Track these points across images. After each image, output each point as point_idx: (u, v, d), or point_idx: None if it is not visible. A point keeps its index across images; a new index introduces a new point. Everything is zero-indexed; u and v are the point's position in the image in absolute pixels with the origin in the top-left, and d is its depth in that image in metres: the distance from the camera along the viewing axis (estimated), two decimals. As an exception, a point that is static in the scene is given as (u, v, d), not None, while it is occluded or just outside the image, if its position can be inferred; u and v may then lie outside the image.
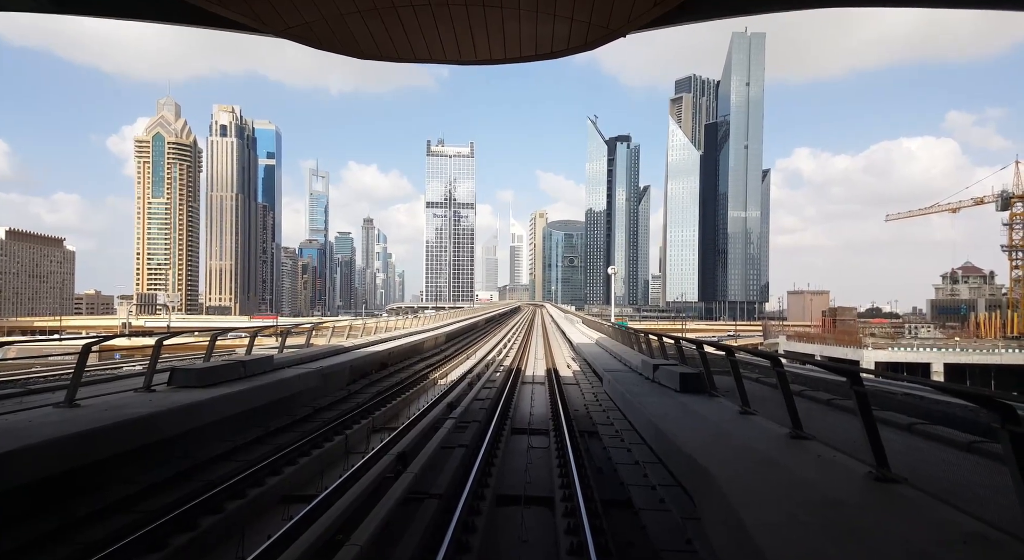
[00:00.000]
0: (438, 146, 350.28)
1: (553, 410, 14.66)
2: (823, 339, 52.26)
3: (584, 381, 19.93)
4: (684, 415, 8.05)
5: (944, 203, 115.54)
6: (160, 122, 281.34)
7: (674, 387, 9.58)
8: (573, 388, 19.07)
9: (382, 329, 24.64)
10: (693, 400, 8.77)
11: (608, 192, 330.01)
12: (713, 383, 9.17)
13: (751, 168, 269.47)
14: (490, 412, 13.79)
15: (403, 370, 21.60)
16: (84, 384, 9.03)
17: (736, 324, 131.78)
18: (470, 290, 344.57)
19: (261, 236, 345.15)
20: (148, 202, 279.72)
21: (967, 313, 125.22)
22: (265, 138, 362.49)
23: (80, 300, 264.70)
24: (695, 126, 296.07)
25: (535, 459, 10.59)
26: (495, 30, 11.44)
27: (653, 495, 7.48)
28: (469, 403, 14.25)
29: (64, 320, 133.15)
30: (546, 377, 21.58)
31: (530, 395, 17.88)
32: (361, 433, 11.65)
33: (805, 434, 6.10)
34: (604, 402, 14.59)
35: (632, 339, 18.19)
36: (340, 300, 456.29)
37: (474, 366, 24.32)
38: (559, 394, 16.85)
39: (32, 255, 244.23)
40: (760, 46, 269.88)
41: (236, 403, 9.61)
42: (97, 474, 6.79)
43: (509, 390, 17.38)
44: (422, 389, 18.37)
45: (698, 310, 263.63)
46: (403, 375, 20.50)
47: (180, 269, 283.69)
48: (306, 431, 10.87)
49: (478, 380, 19.12)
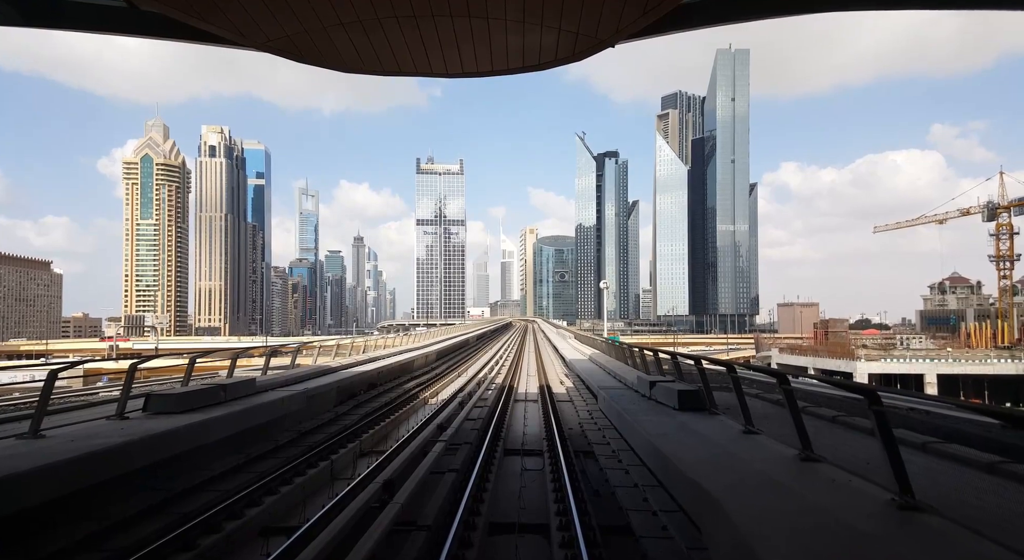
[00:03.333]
0: (428, 163, 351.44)
1: (547, 429, 14.26)
2: (816, 351, 52.12)
3: (578, 398, 19.53)
4: (684, 435, 7.70)
5: (931, 214, 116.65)
6: (148, 143, 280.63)
7: (672, 405, 9.22)
8: (567, 405, 18.67)
9: (371, 348, 24.20)
10: (693, 419, 8.41)
11: (597, 207, 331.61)
12: (713, 400, 8.82)
13: (738, 182, 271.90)
14: (482, 432, 13.36)
15: (392, 390, 21.09)
16: (54, 412, 8.57)
17: (728, 337, 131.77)
18: (461, 306, 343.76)
19: (251, 256, 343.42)
20: (137, 223, 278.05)
21: (956, 323, 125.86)
22: (254, 158, 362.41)
23: (68, 323, 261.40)
24: (682, 141, 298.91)
25: (529, 482, 10.18)
26: (481, 42, 11.20)
27: (655, 522, 7.09)
28: (460, 423, 13.81)
29: (51, 344, 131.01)
30: (539, 394, 21.19)
31: (523, 413, 17.46)
32: (347, 458, 11.19)
33: (816, 455, 5.76)
34: (599, 420, 14.20)
35: (626, 354, 17.84)
36: (331, 319, 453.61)
37: (465, 384, 23.87)
38: (553, 412, 16.45)
39: (18, 278, 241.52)
40: (744, 62, 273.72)
41: (215, 429, 9.16)
42: (61, 510, 6.33)
43: (501, 409, 16.96)
44: (412, 409, 17.91)
45: (689, 323, 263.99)
46: (392, 395, 20.01)
47: (169, 290, 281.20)
48: (289, 457, 10.40)
49: (469, 399, 18.68)
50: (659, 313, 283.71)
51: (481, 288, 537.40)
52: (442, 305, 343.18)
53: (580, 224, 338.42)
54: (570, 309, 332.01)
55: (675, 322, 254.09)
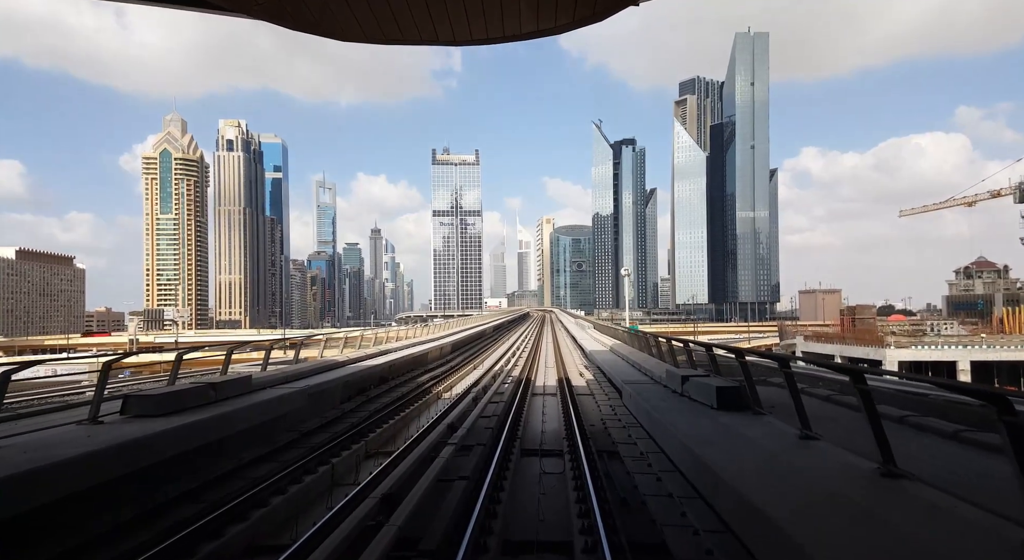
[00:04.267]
0: (444, 155, 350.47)
1: (567, 426, 13.29)
2: (842, 339, 50.21)
3: (599, 392, 18.51)
4: (728, 439, 6.64)
5: (959, 197, 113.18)
6: (167, 138, 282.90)
7: (709, 403, 8.16)
8: (587, 400, 17.68)
9: (382, 340, 23.34)
10: (736, 420, 7.34)
11: (615, 196, 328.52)
12: (758, 399, 7.74)
13: (758, 168, 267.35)
14: (497, 431, 12.40)
15: (404, 384, 20.21)
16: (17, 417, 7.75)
17: (749, 325, 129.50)
18: (478, 297, 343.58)
19: (269, 249, 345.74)
20: (156, 218, 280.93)
21: (984, 308, 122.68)
22: (272, 151, 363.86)
23: (91, 318, 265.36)
24: (700, 127, 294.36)
25: (549, 488, 9.21)
26: (491, 5, 10.13)
27: (696, 543, 6.05)
28: (474, 421, 12.85)
29: (72, 338, 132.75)
30: (557, 387, 20.23)
31: (541, 408, 16.50)
32: (351, 461, 10.30)
33: (901, 471, 4.68)
34: (624, 417, 13.17)
35: (651, 346, 16.74)
36: (350, 311, 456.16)
37: (480, 377, 22.93)
38: (573, 407, 15.46)
39: (42, 274, 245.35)
40: (764, 45, 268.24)
41: (203, 433, 8.29)
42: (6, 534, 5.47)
43: (518, 404, 16.00)
44: (424, 405, 17.01)
45: (709, 312, 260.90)
46: (404, 389, 19.14)
47: (189, 284, 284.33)
48: (286, 461, 9.51)
49: (484, 393, 17.73)
50: (678, 302, 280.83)
51: (498, 279, 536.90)
52: (459, 296, 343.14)
53: (597, 213, 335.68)
54: (587, 299, 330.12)
55: (694, 311, 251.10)
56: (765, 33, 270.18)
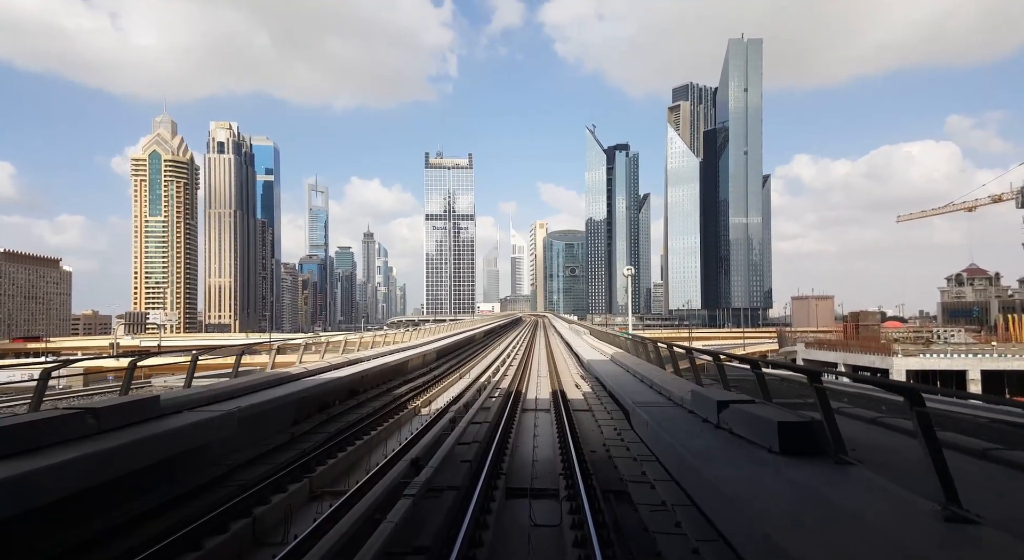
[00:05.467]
0: (437, 158, 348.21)
1: (563, 453, 10.95)
2: (846, 346, 47.96)
3: (599, 407, 16.17)
4: (817, 514, 4.29)
5: (959, 202, 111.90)
6: (156, 140, 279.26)
7: (766, 444, 5.81)
8: (586, 417, 15.36)
9: (355, 347, 20.91)
10: (815, 474, 4.98)
11: (608, 201, 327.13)
12: (841, 441, 5.39)
13: (751, 174, 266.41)
14: (477, 464, 10.04)
15: (376, 399, 17.81)
16: None
17: (744, 331, 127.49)
18: (471, 302, 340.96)
19: (260, 252, 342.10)
20: (145, 220, 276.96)
21: (980, 315, 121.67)
22: (263, 154, 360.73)
23: (77, 321, 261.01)
24: (693, 133, 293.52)
25: (540, 544, 6.95)
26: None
27: None
28: (450, 449, 10.46)
29: (51, 342, 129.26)
30: (551, 401, 17.94)
31: (532, 429, 14.18)
32: (292, 502, 7.91)
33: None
34: (634, 445, 10.85)
35: (663, 356, 14.40)
36: (341, 315, 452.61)
37: (465, 390, 20.51)
38: (570, 427, 13.13)
39: (28, 276, 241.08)
40: (757, 52, 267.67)
41: (58, 481, 5.91)
42: None
43: (505, 424, 13.66)
44: (396, 425, 14.59)
45: (701, 318, 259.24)
46: (375, 405, 16.73)
47: (178, 287, 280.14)
48: (188, 516, 7.10)
49: (466, 411, 15.32)
50: (671, 307, 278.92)
51: (491, 283, 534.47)
52: (452, 300, 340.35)
53: (590, 218, 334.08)
54: (581, 304, 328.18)
55: (687, 316, 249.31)
56: (759, 39, 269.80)
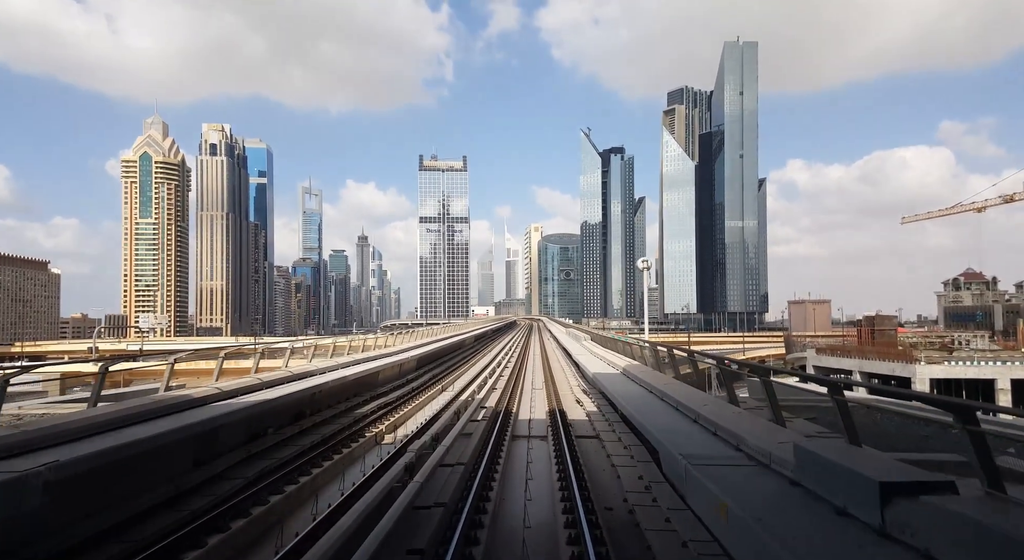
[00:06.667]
0: (431, 160, 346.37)
1: (568, 515, 8.29)
2: (861, 353, 45.97)
3: (609, 434, 13.69)
4: None
5: (968, 203, 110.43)
6: (147, 141, 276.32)
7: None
8: (592, 448, 12.96)
9: (308, 354, 18.73)
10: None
11: (603, 204, 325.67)
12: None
13: (747, 177, 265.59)
14: (442, 534, 7.40)
15: (326, 424, 15.02)
16: None
17: (744, 336, 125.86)
18: (465, 305, 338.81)
19: (253, 255, 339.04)
20: (136, 223, 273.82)
21: (983, 320, 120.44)
22: (256, 156, 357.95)
23: (66, 324, 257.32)
24: (688, 137, 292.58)
25: None
26: None
27: None
28: (391, 527, 6.99)
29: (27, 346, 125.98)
30: (548, 424, 15.48)
31: (525, 467, 11.58)
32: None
33: None
34: (657, 486, 9.04)
35: (699, 371, 11.94)
36: (335, 319, 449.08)
37: (444, 408, 18.21)
38: (574, 467, 10.53)
39: (15, 278, 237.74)
40: (753, 55, 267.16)
41: None
42: None
43: (489, 463, 10.93)
44: (330, 474, 11.27)
45: (697, 322, 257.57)
46: (323, 433, 13.96)
47: (169, 290, 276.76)
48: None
49: (436, 444, 11.89)
50: (667, 311, 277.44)
51: (486, 287, 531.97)
52: (446, 304, 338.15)
53: (585, 221, 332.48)
54: (576, 307, 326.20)
55: (683, 320, 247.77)
56: (754, 42, 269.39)
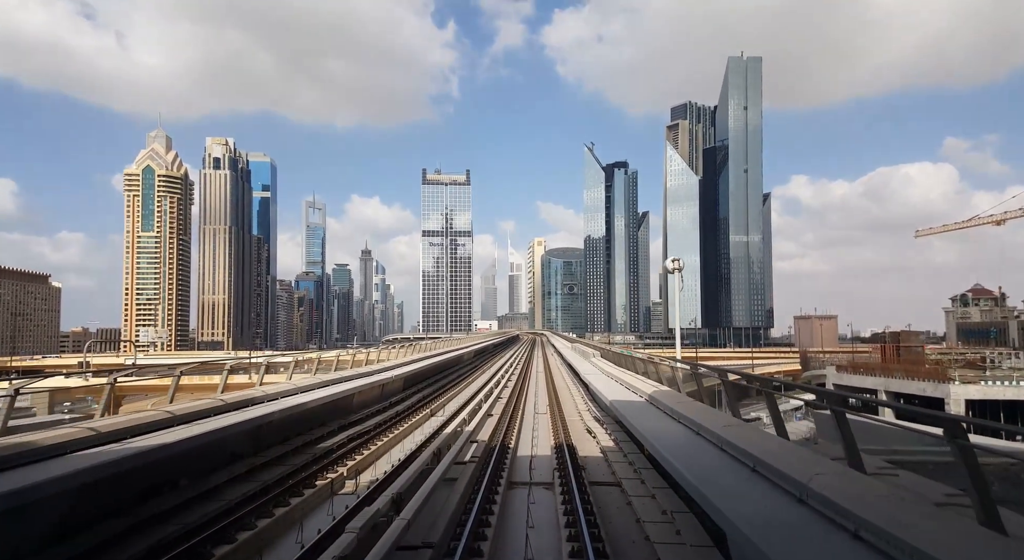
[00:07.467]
0: (434, 174, 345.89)
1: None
2: (887, 371, 43.22)
3: (634, 483, 10.80)
4: None
5: (986, 215, 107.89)
6: (150, 155, 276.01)
7: None
8: (613, 502, 9.99)
9: (259, 371, 16.38)
10: None
11: (607, 219, 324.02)
12: None
13: (751, 192, 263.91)
14: None
15: (268, 468, 11.89)
16: None
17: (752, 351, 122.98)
18: (468, 319, 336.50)
19: (255, 269, 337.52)
20: (138, 236, 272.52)
21: (997, 336, 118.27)
22: (260, 170, 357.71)
23: (66, 338, 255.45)
24: (692, 152, 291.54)
25: None
26: None
27: None
28: None
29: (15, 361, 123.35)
30: (555, 467, 12.31)
31: (524, 532, 8.51)
32: None
33: None
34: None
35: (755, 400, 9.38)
36: (338, 332, 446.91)
37: (427, 441, 15.26)
38: (591, 543, 7.61)
39: (15, 292, 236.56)
40: (756, 70, 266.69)
41: None
42: None
43: (469, 540, 7.35)
44: (259, 540, 8.06)
45: (702, 337, 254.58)
46: (265, 478, 10.93)
47: (170, 303, 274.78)
48: None
49: (403, 502, 8.12)
50: (671, 326, 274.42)
51: (489, 301, 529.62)
52: (449, 318, 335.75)
53: (589, 236, 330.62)
54: (579, 322, 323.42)
55: (687, 336, 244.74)
56: (758, 57, 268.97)
